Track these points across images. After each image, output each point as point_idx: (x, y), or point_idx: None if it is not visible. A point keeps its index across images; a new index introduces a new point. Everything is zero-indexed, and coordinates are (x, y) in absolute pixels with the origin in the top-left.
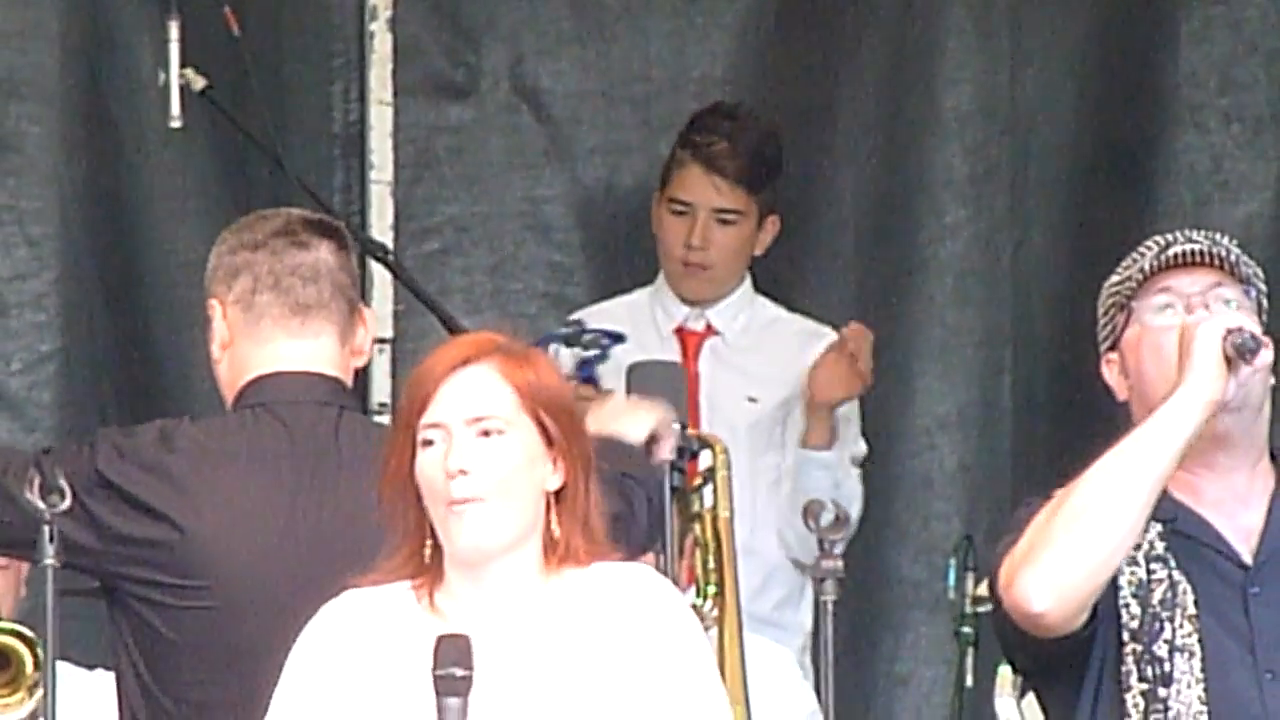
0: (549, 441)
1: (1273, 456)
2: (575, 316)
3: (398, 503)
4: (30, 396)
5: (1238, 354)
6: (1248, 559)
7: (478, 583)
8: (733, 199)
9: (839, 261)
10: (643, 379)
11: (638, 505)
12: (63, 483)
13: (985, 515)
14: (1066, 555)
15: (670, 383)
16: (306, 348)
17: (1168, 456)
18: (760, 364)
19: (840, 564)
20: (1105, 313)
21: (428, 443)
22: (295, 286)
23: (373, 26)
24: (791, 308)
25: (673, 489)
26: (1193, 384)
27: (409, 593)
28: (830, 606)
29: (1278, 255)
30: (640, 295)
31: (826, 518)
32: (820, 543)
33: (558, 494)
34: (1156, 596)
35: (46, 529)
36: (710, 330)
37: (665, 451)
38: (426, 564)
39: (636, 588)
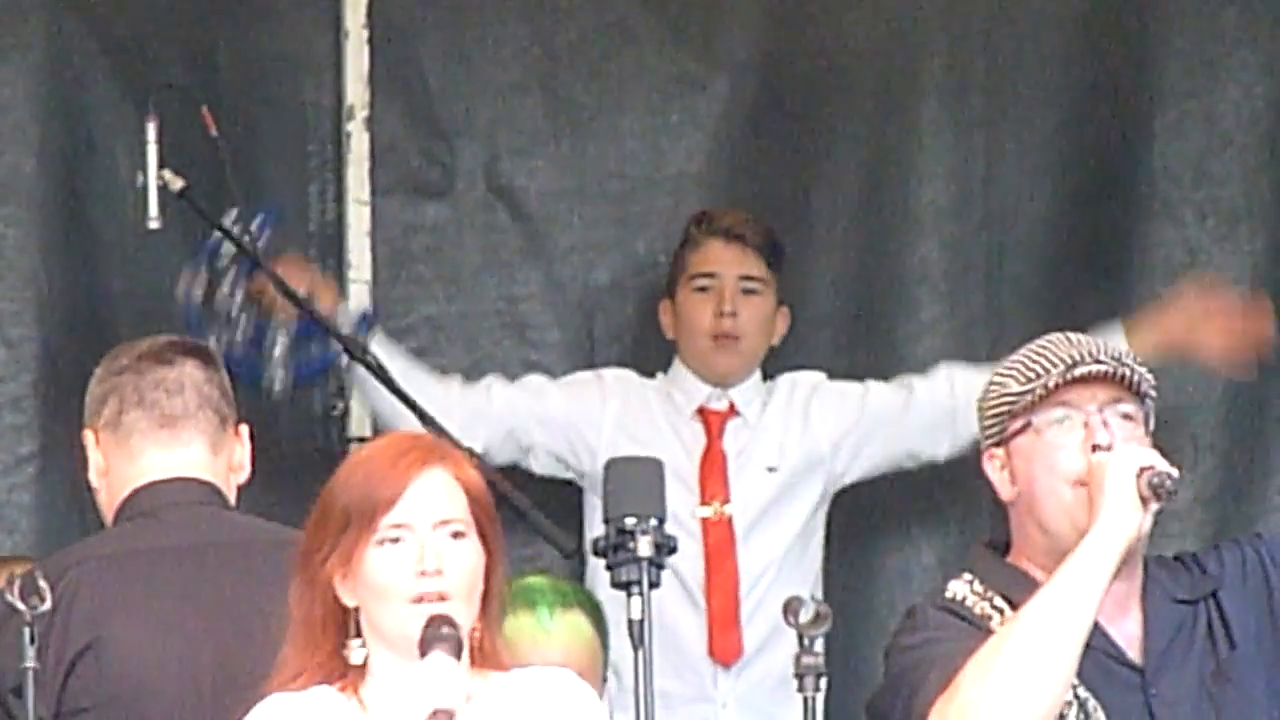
0: (485, 545)
1: None
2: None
3: (312, 602)
4: (9, 499)
5: (1153, 493)
6: (1139, 662)
7: (411, 680)
8: (755, 266)
9: (815, 358)
10: (620, 475)
11: None
12: (42, 583)
13: None
14: (1004, 714)
15: (648, 478)
16: (177, 456)
17: (1092, 600)
18: (776, 432)
19: (821, 660)
20: (995, 413)
21: (392, 540)
22: (160, 400)
23: (349, 126)
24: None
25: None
26: (1110, 524)
27: (335, 694)
28: (811, 702)
29: None
30: (653, 382)
31: (806, 614)
32: (800, 639)
33: (483, 595)
34: (1071, 718)
35: (27, 630)
36: (733, 410)
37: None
38: (350, 663)
39: (564, 692)
